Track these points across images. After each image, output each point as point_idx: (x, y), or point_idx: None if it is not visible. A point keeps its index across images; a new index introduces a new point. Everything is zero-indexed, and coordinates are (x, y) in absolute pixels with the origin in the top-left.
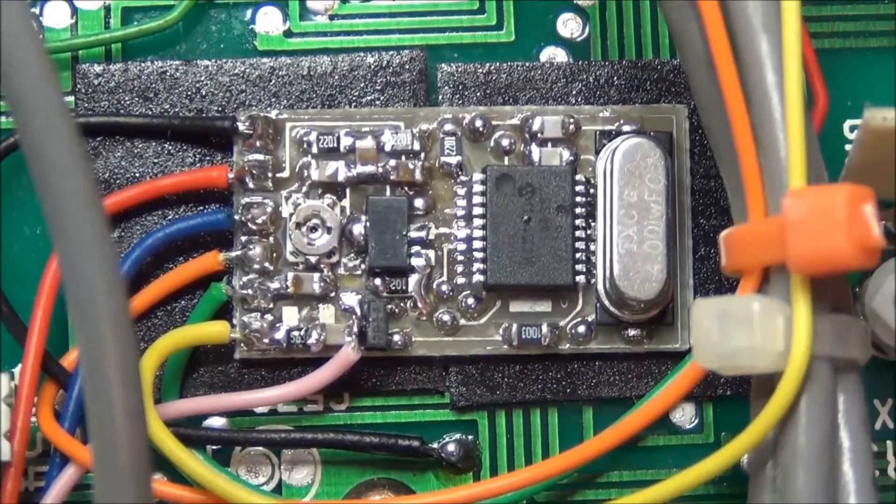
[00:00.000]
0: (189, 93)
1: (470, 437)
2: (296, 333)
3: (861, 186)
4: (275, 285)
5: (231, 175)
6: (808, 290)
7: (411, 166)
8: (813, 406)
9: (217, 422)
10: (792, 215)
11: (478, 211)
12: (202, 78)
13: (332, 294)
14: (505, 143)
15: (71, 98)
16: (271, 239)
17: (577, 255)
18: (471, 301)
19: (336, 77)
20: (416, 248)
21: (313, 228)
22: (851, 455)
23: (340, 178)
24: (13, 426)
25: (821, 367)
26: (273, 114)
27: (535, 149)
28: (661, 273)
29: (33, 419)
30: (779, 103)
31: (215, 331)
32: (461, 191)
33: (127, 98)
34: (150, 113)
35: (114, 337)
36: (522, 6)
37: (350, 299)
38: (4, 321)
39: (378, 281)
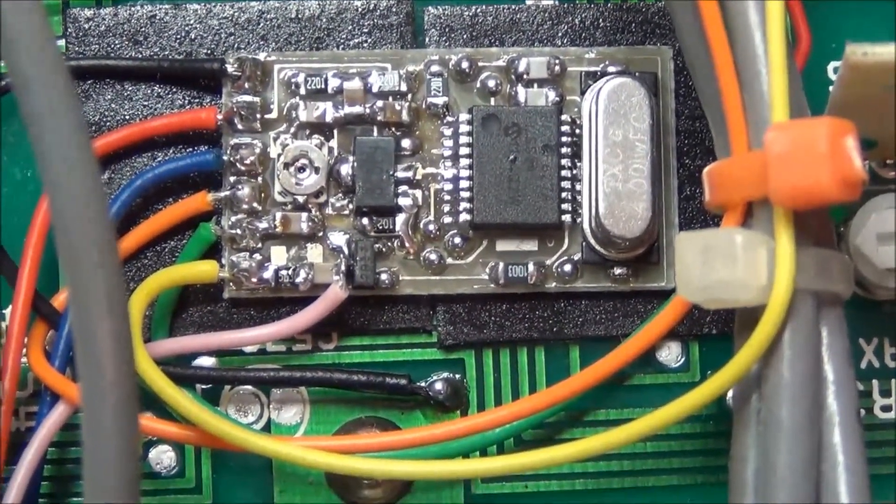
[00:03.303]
0: (178, 36)
1: (457, 375)
2: (284, 273)
3: (843, 120)
4: (263, 225)
5: (220, 116)
6: (791, 224)
7: (398, 107)
8: (797, 339)
9: (206, 361)
10: (774, 149)
11: (464, 151)
12: (191, 21)
13: (320, 233)
14: (491, 84)
15: (62, 42)
16: (259, 179)
17: (563, 194)
18: (457, 240)
19: (324, 20)
20: (403, 188)
21: (301, 169)
22: (835, 388)
23: (328, 118)
24: (3, 365)
25: (804, 300)
26: (261, 56)
27: (520, 90)
28: (646, 211)
29: (24, 359)
30: (761, 40)
31: (204, 270)
32: (448, 131)
33: (117, 42)
34: (139, 56)
35: (103, 277)
36: None
37: (338, 238)
38: None
39: (365, 220)
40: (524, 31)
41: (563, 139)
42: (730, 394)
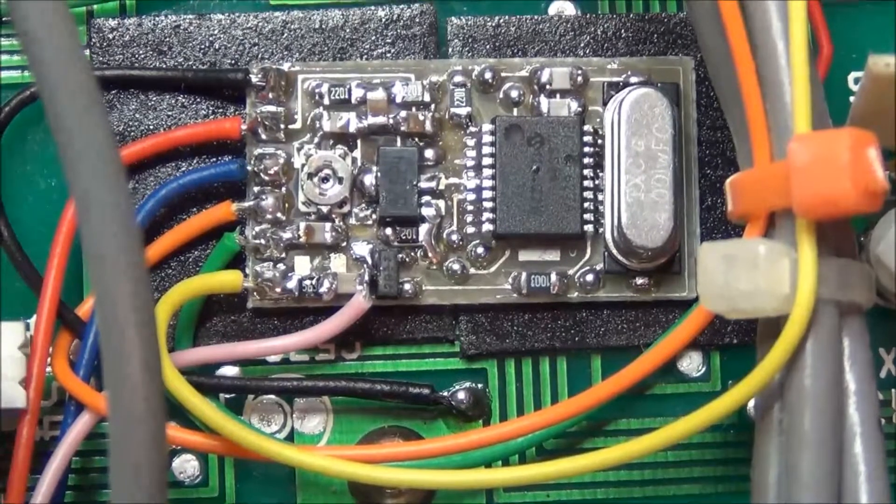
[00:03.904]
0: (202, 46)
1: (480, 385)
2: (308, 282)
3: (865, 131)
4: (287, 235)
5: (244, 127)
6: (813, 234)
7: (421, 117)
8: (819, 349)
9: (230, 370)
10: (797, 160)
11: (487, 161)
12: (215, 32)
13: (344, 243)
14: (514, 94)
15: (86, 52)
16: (283, 189)
17: (586, 204)
18: (480, 250)
19: (347, 30)
20: (426, 198)
21: (325, 179)
22: (857, 398)
23: (352, 129)
24: (28, 374)
25: (826, 310)
26: (285, 66)
27: (543, 100)
28: (668, 221)
29: (48, 368)
30: (784, 49)
31: (228, 280)
32: (471, 141)
33: (141, 52)
34: (163, 66)
35: (129, 286)
36: None
37: (361, 248)
38: (20, 270)
39: (389, 230)
40: (547, 42)
41: (586, 149)
42: (751, 403)
